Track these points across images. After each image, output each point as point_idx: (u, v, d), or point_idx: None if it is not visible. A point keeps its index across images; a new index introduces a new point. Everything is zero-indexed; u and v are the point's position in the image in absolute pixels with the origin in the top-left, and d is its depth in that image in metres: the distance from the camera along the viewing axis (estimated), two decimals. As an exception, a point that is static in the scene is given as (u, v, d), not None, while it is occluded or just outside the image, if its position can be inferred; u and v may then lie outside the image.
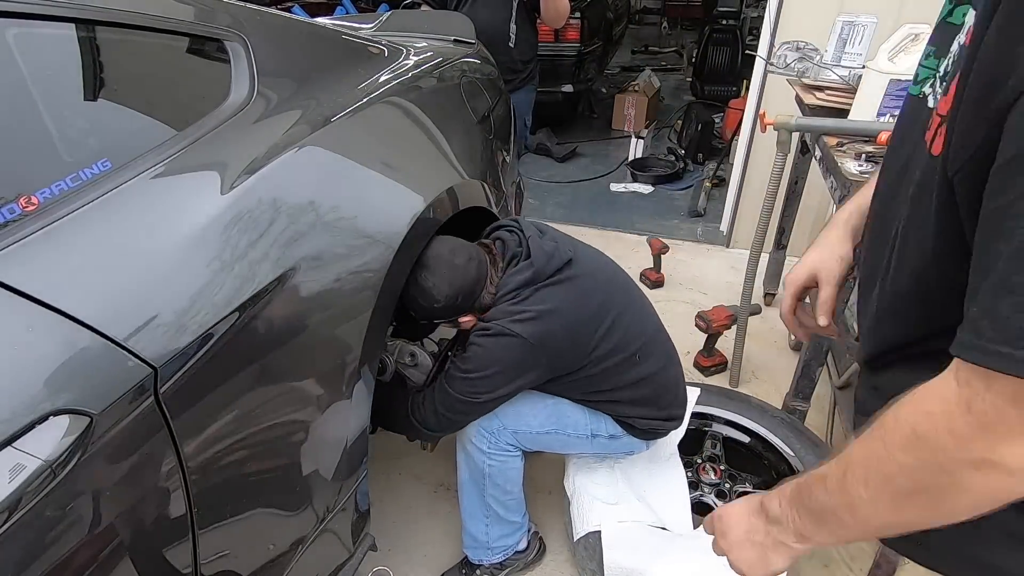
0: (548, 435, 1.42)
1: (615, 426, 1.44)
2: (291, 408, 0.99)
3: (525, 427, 1.39)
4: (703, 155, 4.36)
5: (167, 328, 0.77)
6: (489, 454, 1.39)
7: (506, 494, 1.45)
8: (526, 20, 2.74)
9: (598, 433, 1.44)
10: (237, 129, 1.02)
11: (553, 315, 1.28)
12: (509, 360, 1.28)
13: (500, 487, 1.44)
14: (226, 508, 0.89)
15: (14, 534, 0.61)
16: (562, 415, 1.42)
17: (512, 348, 1.26)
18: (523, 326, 1.26)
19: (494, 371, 1.28)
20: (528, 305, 1.28)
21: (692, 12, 8.63)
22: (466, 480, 1.48)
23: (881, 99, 1.60)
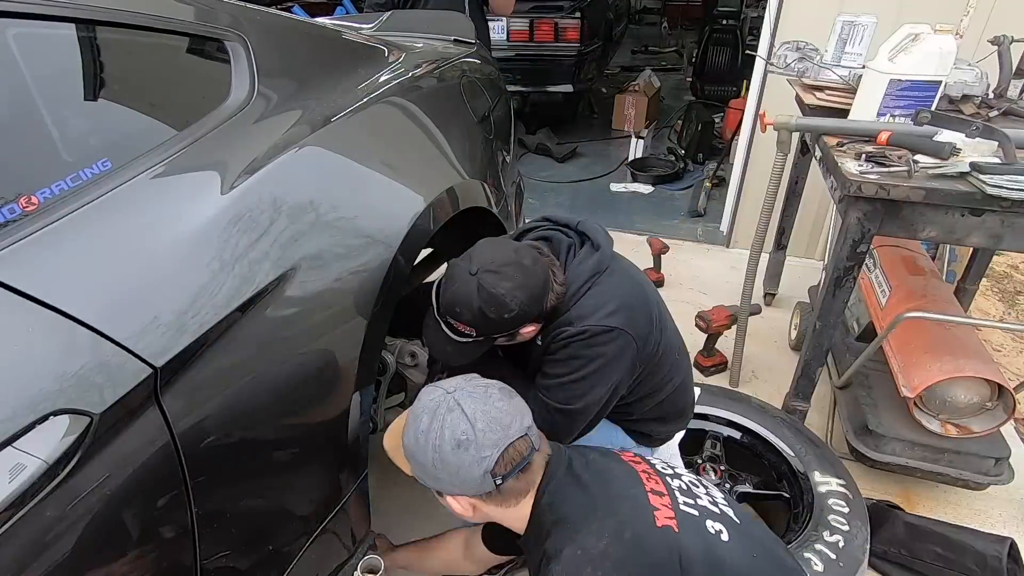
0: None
1: (626, 438, 1.43)
2: (291, 408, 0.99)
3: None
4: (703, 155, 4.36)
5: (167, 328, 0.77)
6: None
7: None
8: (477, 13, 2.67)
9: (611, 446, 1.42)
10: (237, 129, 1.02)
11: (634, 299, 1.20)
12: (612, 357, 1.17)
13: None
14: (226, 508, 0.89)
15: (14, 534, 0.61)
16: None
17: (614, 344, 1.16)
18: (616, 317, 1.15)
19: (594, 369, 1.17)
20: (607, 296, 1.18)
21: (692, 12, 8.64)
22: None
23: (881, 99, 1.60)
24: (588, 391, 1.20)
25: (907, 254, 2.07)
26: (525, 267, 1.12)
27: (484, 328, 1.14)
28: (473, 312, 1.11)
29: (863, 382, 1.95)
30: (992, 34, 1.78)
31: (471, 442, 0.91)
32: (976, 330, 1.93)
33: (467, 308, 1.11)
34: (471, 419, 0.92)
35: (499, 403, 0.95)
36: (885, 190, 1.35)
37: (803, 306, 2.51)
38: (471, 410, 0.93)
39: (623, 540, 0.87)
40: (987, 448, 1.71)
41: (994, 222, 1.36)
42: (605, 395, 1.22)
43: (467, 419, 0.92)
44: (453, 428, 0.92)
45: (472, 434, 0.91)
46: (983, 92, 1.77)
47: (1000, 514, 1.83)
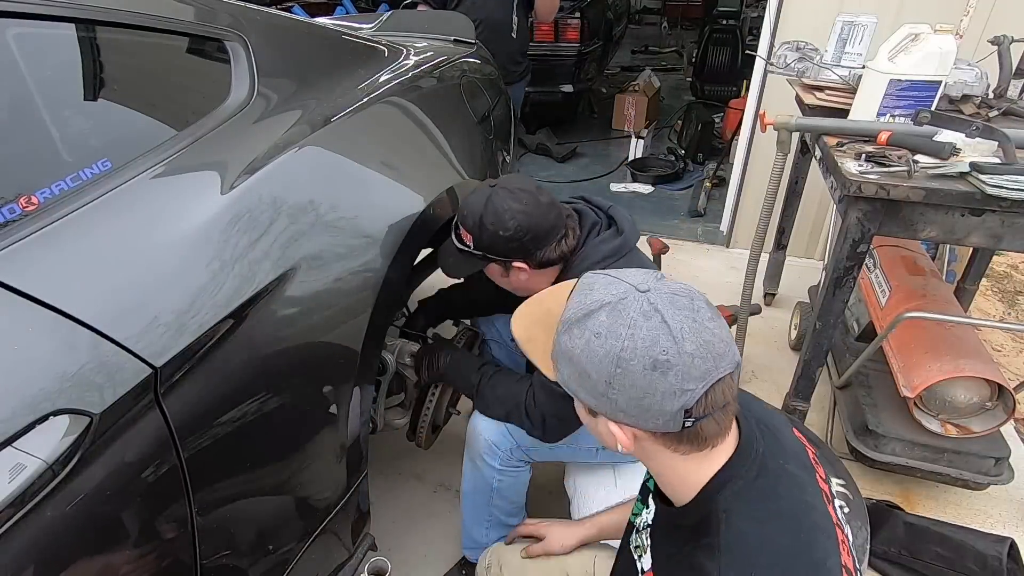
0: (559, 448, 1.39)
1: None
2: (291, 408, 0.99)
3: (535, 443, 1.36)
4: (703, 155, 4.36)
5: (167, 328, 0.77)
6: (501, 471, 1.37)
7: (511, 503, 1.45)
8: (523, 13, 2.85)
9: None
10: (237, 129, 1.02)
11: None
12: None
13: (506, 499, 1.43)
14: (226, 508, 0.89)
15: (14, 534, 0.61)
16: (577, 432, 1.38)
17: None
18: None
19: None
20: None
21: (692, 12, 8.64)
22: (470, 491, 1.46)
23: (881, 99, 1.60)
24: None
25: (907, 254, 2.07)
26: (540, 202, 1.17)
27: (479, 240, 1.18)
28: (475, 219, 1.16)
29: (863, 382, 1.95)
30: (992, 34, 1.78)
31: (673, 367, 0.65)
32: (976, 330, 1.93)
33: (472, 214, 1.17)
34: (676, 335, 0.65)
35: (710, 323, 0.68)
36: (885, 190, 1.35)
37: (803, 306, 2.51)
38: (676, 323, 0.66)
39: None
40: (987, 448, 1.71)
41: (994, 222, 1.36)
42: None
43: (671, 334, 0.65)
44: (651, 342, 0.65)
45: (676, 353, 0.65)
46: (983, 92, 1.76)
47: (1000, 514, 1.83)
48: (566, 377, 0.73)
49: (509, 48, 2.80)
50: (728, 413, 0.71)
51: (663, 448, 0.72)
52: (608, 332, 0.67)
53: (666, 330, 0.66)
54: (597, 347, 0.67)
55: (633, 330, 0.66)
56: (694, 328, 0.66)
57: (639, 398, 0.67)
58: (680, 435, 0.69)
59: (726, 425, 0.72)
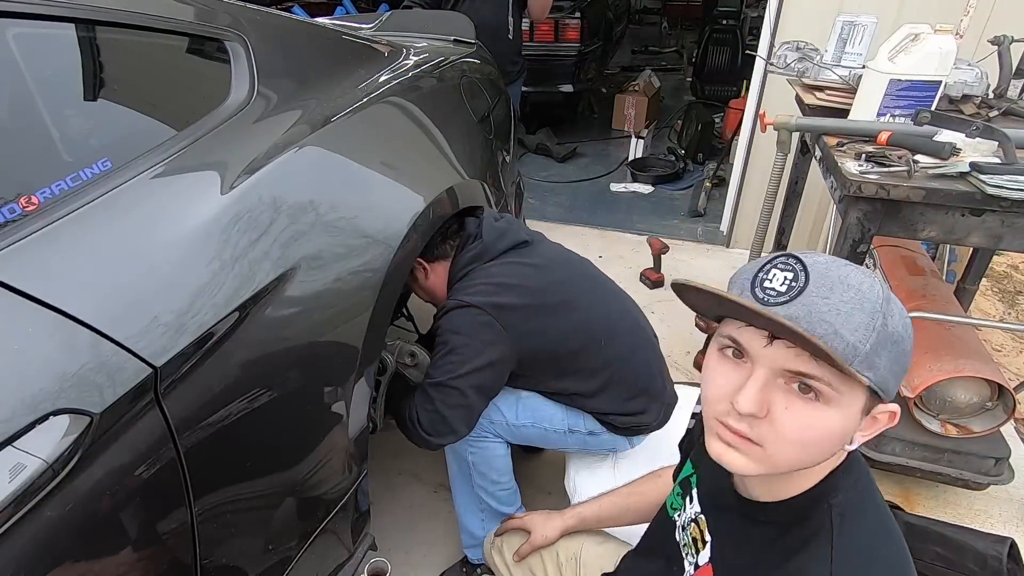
0: (526, 428, 1.42)
1: (594, 422, 1.43)
2: (291, 408, 0.99)
3: (500, 418, 1.40)
4: (703, 155, 4.36)
5: (167, 328, 0.77)
6: (469, 441, 1.39)
7: (494, 484, 1.45)
8: (518, 14, 2.91)
9: (576, 428, 1.44)
10: (237, 129, 1.02)
11: (503, 288, 1.32)
12: (469, 332, 1.28)
13: (486, 476, 1.44)
14: (226, 508, 0.89)
15: (14, 534, 0.61)
16: (537, 409, 1.42)
17: (469, 318, 1.28)
18: (473, 297, 1.30)
19: (459, 344, 1.28)
20: (476, 279, 1.34)
21: (692, 12, 8.63)
22: (455, 473, 1.48)
23: (881, 99, 1.60)
24: (459, 366, 1.27)
25: (907, 254, 2.07)
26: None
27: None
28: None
29: (863, 382, 1.95)
30: (992, 34, 1.78)
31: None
32: (976, 330, 1.93)
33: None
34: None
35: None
36: (885, 190, 1.35)
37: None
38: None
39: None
40: (987, 448, 1.71)
41: (994, 222, 1.36)
42: (481, 374, 1.29)
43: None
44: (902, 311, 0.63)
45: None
46: (983, 92, 1.76)
47: (1000, 514, 1.83)
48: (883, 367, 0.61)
49: (505, 49, 2.83)
50: None
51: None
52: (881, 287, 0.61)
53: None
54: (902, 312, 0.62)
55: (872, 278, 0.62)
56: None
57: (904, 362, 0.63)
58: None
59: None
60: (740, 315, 0.64)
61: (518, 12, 2.89)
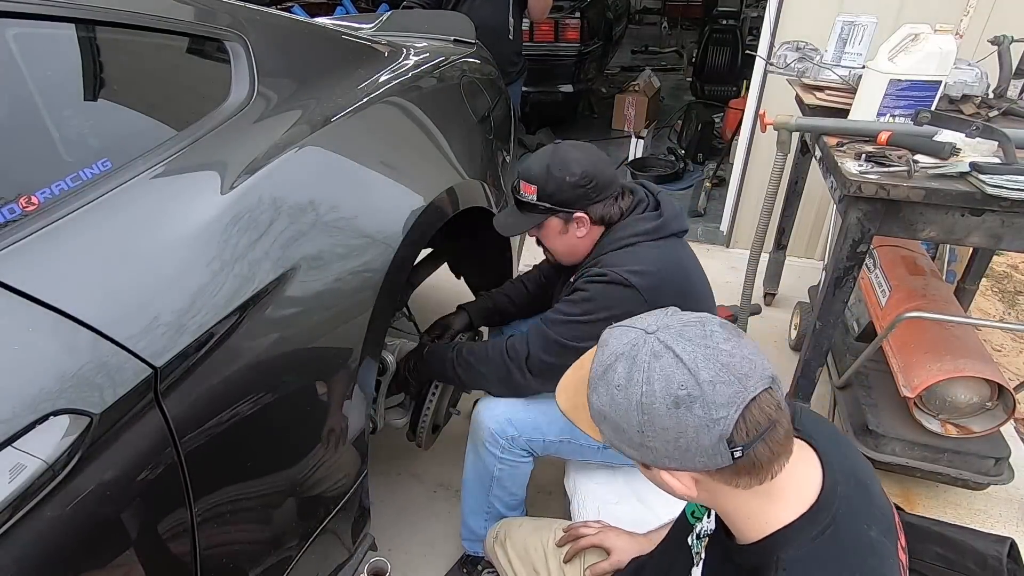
0: (561, 443, 1.41)
1: None
2: (291, 408, 0.99)
3: (540, 437, 1.38)
4: (703, 155, 4.36)
5: (167, 328, 0.77)
6: (501, 459, 1.38)
7: (511, 496, 1.46)
8: (518, 14, 2.92)
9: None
10: (237, 129, 1.02)
11: (668, 276, 1.24)
12: (618, 310, 1.19)
13: (507, 489, 1.44)
14: (226, 508, 0.89)
15: (14, 534, 0.61)
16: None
17: (625, 299, 1.20)
18: (640, 278, 1.20)
19: (601, 318, 1.19)
20: (646, 257, 1.24)
21: (692, 12, 8.64)
22: (471, 479, 1.48)
23: (881, 99, 1.60)
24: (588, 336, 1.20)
25: (907, 254, 2.07)
26: (602, 158, 1.27)
27: (544, 188, 1.24)
28: (541, 169, 1.24)
29: (863, 382, 1.95)
30: (992, 34, 1.78)
31: (695, 399, 0.63)
32: (976, 330, 1.93)
33: (537, 163, 1.25)
34: (690, 367, 0.63)
35: (726, 344, 0.65)
36: (885, 190, 1.35)
37: (803, 306, 2.51)
38: (688, 355, 0.64)
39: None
40: (987, 448, 1.71)
41: (994, 222, 1.36)
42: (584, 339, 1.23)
43: (685, 367, 0.63)
44: (666, 380, 0.64)
45: (696, 387, 0.63)
46: (983, 92, 1.77)
47: (1000, 514, 1.83)
48: (608, 436, 0.72)
49: (506, 49, 2.85)
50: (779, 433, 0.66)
51: (724, 486, 0.68)
52: (627, 382, 0.66)
53: (679, 364, 0.64)
54: (621, 399, 0.66)
55: (648, 373, 0.65)
56: (707, 355, 0.64)
57: (674, 440, 0.65)
58: (735, 468, 0.65)
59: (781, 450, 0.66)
60: None
61: (518, 12, 2.91)
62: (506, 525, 1.31)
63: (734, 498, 0.69)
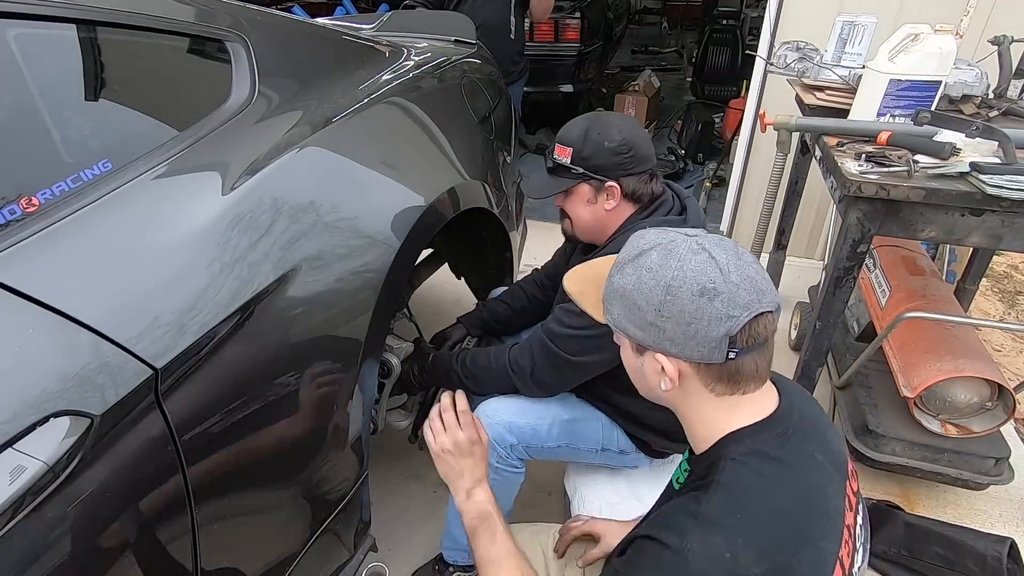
0: (559, 448, 1.40)
1: (627, 441, 1.42)
2: (291, 409, 0.98)
3: (539, 443, 1.37)
4: (703, 155, 4.36)
5: (168, 329, 0.77)
6: (496, 468, 1.36)
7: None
8: (520, 14, 2.92)
9: (608, 447, 1.42)
10: (238, 130, 1.02)
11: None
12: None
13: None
14: (227, 509, 0.89)
15: (15, 535, 0.61)
16: (577, 432, 1.40)
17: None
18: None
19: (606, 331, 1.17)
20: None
21: (692, 12, 8.64)
22: None
23: (881, 99, 1.60)
24: (593, 350, 1.20)
25: (907, 254, 2.07)
26: (642, 132, 1.23)
27: (580, 151, 1.21)
28: (580, 131, 1.21)
29: (863, 382, 1.95)
30: (992, 34, 1.79)
31: (719, 293, 0.68)
32: (976, 330, 1.93)
33: (575, 128, 1.22)
34: (723, 268, 0.70)
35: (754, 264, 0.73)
36: (885, 190, 1.35)
37: (803, 306, 2.51)
38: (723, 259, 0.71)
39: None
40: (987, 448, 1.71)
41: (994, 222, 1.36)
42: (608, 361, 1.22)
43: (718, 267, 0.70)
44: (699, 272, 0.70)
45: (723, 283, 0.69)
46: (983, 92, 1.77)
47: (1000, 514, 1.83)
48: (616, 315, 0.77)
49: (508, 49, 2.84)
50: (766, 354, 0.74)
51: (702, 386, 0.74)
52: (659, 266, 0.72)
53: (713, 263, 0.70)
54: (648, 279, 0.72)
55: (683, 263, 0.71)
56: (739, 264, 0.71)
57: (687, 323, 0.70)
58: (721, 369, 0.72)
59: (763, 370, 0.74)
60: None
61: (520, 12, 2.90)
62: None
63: (703, 402, 0.76)
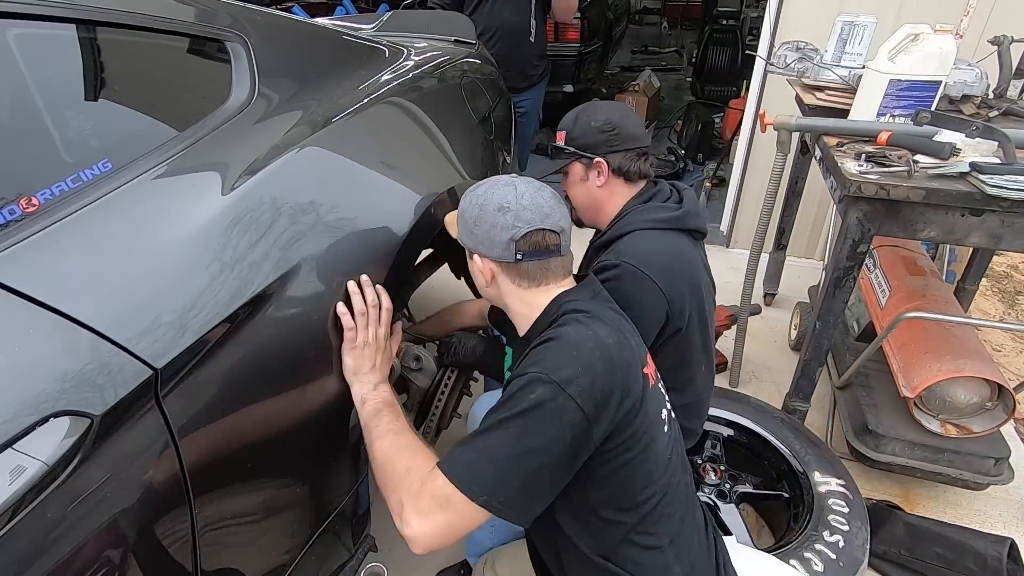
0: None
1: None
2: (291, 409, 0.99)
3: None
4: (703, 155, 4.36)
5: (167, 329, 0.77)
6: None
7: None
8: (541, 15, 2.82)
9: None
10: (238, 130, 1.02)
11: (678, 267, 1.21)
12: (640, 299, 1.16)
13: None
14: (227, 509, 0.89)
15: (15, 536, 0.61)
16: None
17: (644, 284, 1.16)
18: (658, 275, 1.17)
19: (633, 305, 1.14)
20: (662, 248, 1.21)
21: (692, 12, 8.64)
22: None
23: (881, 99, 1.60)
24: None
25: (907, 254, 2.07)
26: (631, 114, 1.32)
27: (571, 132, 1.32)
28: (572, 116, 1.34)
29: (863, 382, 1.95)
30: (992, 34, 1.79)
31: (509, 209, 0.97)
32: (976, 330, 1.93)
33: (571, 113, 1.35)
34: (519, 194, 0.99)
35: (549, 199, 1.01)
36: (885, 190, 1.35)
37: (803, 306, 2.51)
38: (522, 189, 1.00)
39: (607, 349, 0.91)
40: (987, 448, 1.71)
41: (994, 222, 1.36)
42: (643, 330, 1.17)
43: (516, 193, 0.99)
44: (502, 196, 0.99)
45: (515, 204, 0.98)
46: (983, 92, 1.77)
47: (1000, 514, 1.83)
48: (460, 229, 1.06)
49: (528, 52, 2.77)
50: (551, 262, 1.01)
51: (509, 282, 1.02)
52: (482, 192, 1.02)
53: (513, 191, 0.99)
54: (472, 200, 1.02)
55: (493, 190, 1.01)
56: (534, 195, 0.99)
57: (488, 230, 0.99)
58: (516, 268, 1.00)
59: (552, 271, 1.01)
60: None
61: (541, 13, 2.80)
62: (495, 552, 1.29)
63: (517, 293, 1.03)
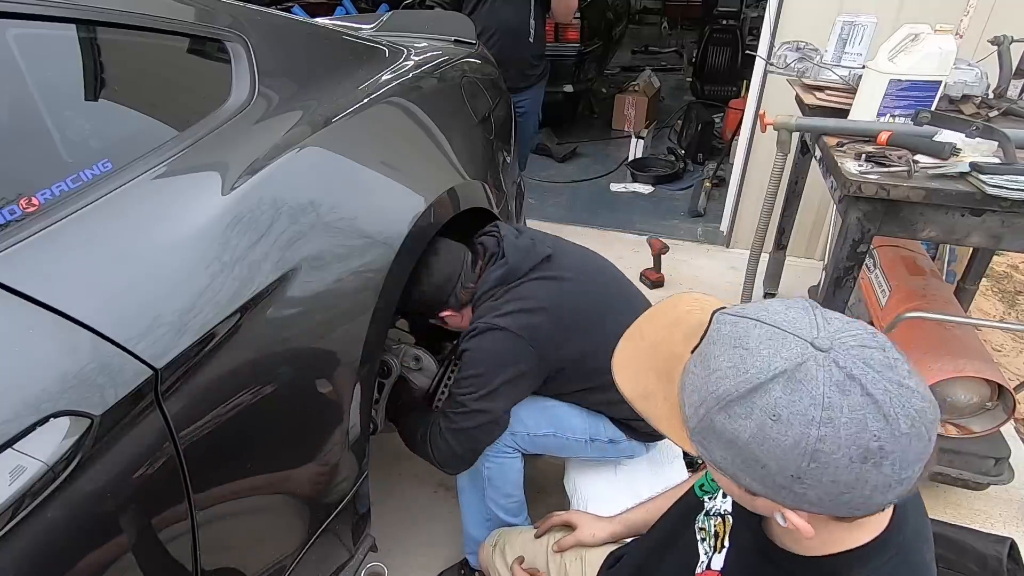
0: (546, 438, 1.41)
1: (615, 430, 1.43)
2: (291, 409, 0.99)
3: (522, 428, 1.39)
4: (703, 155, 4.36)
5: (167, 329, 0.77)
6: (487, 456, 1.38)
7: (506, 497, 1.45)
8: (540, 15, 2.82)
9: (596, 437, 1.43)
10: (238, 130, 1.02)
11: (535, 309, 1.29)
12: (498, 354, 1.27)
13: (499, 490, 1.43)
14: (227, 509, 0.89)
15: (15, 536, 0.61)
16: (559, 418, 1.41)
17: (498, 342, 1.26)
18: (505, 319, 1.27)
19: (485, 368, 1.26)
20: (507, 300, 1.31)
21: (692, 12, 8.64)
22: (466, 485, 1.47)
23: (881, 99, 1.60)
24: (487, 385, 1.27)
25: (907, 254, 2.07)
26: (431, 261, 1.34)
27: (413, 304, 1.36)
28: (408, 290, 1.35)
29: (863, 382, 1.94)
30: (992, 34, 1.78)
31: (888, 455, 0.51)
32: (976, 330, 1.93)
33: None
34: (887, 413, 0.51)
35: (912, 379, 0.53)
36: (885, 190, 1.35)
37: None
38: (882, 394, 0.51)
39: None
40: (987, 448, 1.71)
41: (994, 222, 1.36)
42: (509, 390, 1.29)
43: (881, 412, 0.51)
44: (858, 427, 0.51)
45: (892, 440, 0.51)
46: (983, 92, 1.77)
47: (1000, 514, 1.83)
48: (719, 459, 0.58)
49: (527, 52, 2.77)
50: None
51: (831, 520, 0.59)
52: (791, 415, 0.52)
53: (874, 407, 0.51)
54: (777, 434, 0.52)
55: (830, 413, 0.51)
56: (902, 395, 0.51)
57: (839, 494, 0.53)
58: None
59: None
60: None
61: (540, 14, 2.80)
62: (504, 534, 1.31)
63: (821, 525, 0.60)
